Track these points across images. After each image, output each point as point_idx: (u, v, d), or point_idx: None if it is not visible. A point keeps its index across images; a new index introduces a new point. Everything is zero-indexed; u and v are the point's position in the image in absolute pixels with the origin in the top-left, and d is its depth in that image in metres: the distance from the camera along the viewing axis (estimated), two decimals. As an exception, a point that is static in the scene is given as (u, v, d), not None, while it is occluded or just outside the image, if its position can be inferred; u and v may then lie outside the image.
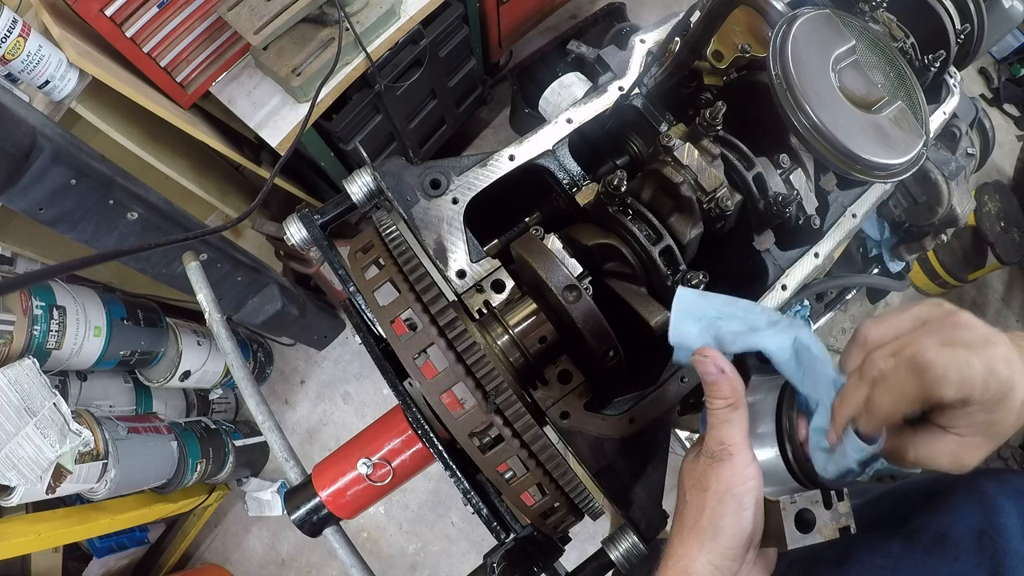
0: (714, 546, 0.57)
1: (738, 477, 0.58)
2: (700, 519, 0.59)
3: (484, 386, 0.61)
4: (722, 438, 0.60)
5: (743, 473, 0.58)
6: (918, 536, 0.57)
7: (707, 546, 0.58)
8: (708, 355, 0.61)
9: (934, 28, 1.16)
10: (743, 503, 0.57)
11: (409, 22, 1.80)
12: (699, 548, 0.58)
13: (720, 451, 0.60)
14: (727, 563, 0.57)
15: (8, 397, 1.47)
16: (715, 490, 0.59)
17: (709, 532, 0.58)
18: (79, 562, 2.04)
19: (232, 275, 1.85)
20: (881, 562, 0.57)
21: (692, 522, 0.59)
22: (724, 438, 0.60)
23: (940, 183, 1.37)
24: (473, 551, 2.40)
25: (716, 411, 0.61)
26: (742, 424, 0.60)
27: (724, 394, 0.60)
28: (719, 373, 0.61)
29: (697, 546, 0.58)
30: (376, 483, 0.79)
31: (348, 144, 1.95)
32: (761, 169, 0.89)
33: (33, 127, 1.23)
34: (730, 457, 0.59)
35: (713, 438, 0.61)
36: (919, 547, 0.56)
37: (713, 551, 0.57)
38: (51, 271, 1.51)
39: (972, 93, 2.98)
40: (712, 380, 0.61)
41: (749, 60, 0.96)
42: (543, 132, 0.95)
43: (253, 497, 2.48)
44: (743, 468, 0.58)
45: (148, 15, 1.47)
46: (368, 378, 2.65)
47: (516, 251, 0.77)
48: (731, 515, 0.57)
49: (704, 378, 0.62)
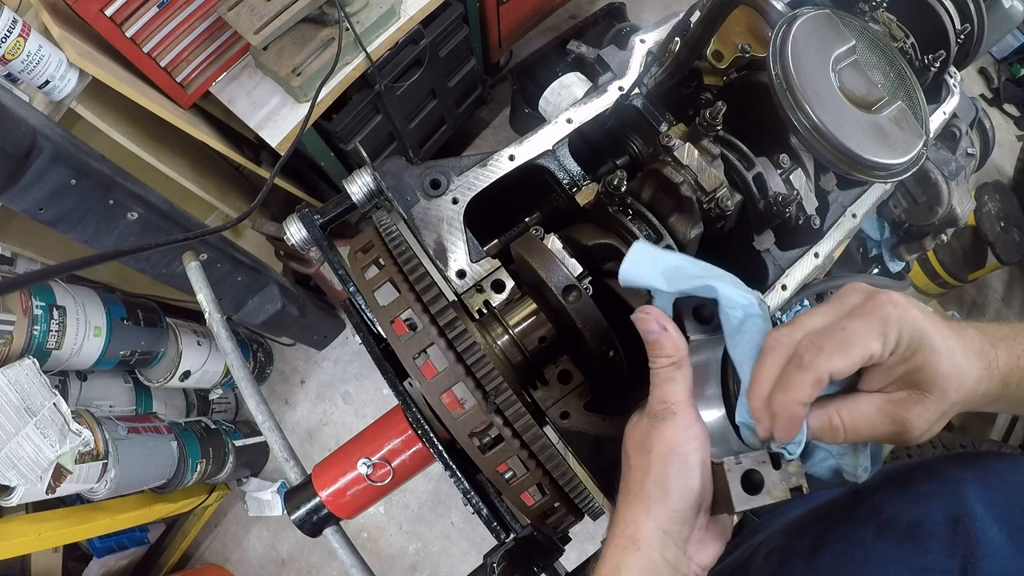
0: (661, 510, 0.55)
1: (682, 436, 0.56)
2: (645, 482, 0.57)
3: (484, 386, 0.61)
4: (664, 397, 0.59)
5: (687, 432, 0.57)
6: (891, 526, 0.55)
7: (654, 510, 0.56)
8: (649, 313, 0.60)
9: (934, 28, 1.16)
10: (688, 462, 0.56)
11: (409, 22, 1.80)
12: (646, 513, 0.56)
13: (663, 410, 0.58)
14: (676, 527, 0.55)
15: (8, 397, 1.47)
16: (659, 451, 0.57)
17: (655, 495, 0.56)
18: (79, 562, 2.03)
19: (232, 275, 1.85)
20: (852, 552, 0.56)
21: (637, 486, 0.57)
22: (667, 397, 0.58)
23: (940, 183, 1.37)
24: (473, 551, 2.40)
25: (659, 370, 0.60)
26: (685, 383, 0.59)
27: (667, 352, 0.59)
28: (661, 331, 0.59)
29: (644, 510, 0.56)
30: (376, 483, 0.79)
31: (348, 144, 1.95)
32: (761, 169, 0.89)
33: (33, 127, 1.23)
34: (673, 416, 0.57)
35: (655, 397, 0.59)
36: (891, 537, 0.54)
37: (661, 515, 0.55)
38: (51, 271, 1.51)
39: (972, 93, 2.99)
40: (654, 339, 0.60)
41: (749, 60, 0.96)
42: (543, 132, 0.95)
43: (253, 497, 2.48)
44: (687, 427, 0.57)
45: (148, 15, 1.47)
46: (368, 378, 2.65)
47: (516, 251, 0.77)
48: (676, 476, 0.55)
49: (645, 336, 0.60)
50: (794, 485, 0.56)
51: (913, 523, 0.53)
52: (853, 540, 0.56)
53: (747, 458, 0.56)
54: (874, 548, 0.54)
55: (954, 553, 0.50)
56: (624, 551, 0.55)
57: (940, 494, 0.54)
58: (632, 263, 0.61)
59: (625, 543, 0.56)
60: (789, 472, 0.56)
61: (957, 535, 0.50)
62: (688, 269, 0.60)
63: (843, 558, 0.56)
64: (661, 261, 0.61)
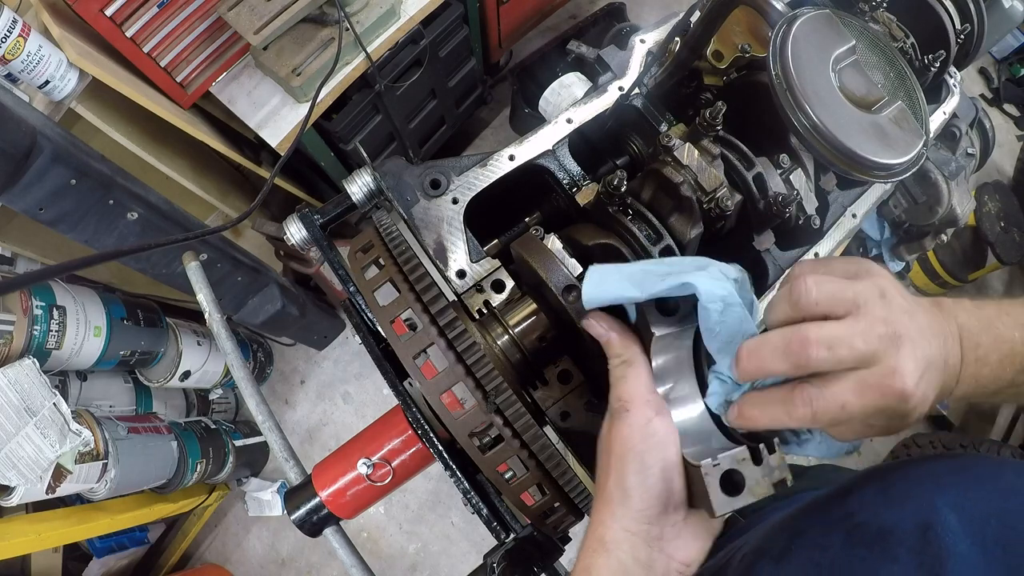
0: (624, 511, 0.55)
1: (637, 433, 0.56)
2: (607, 483, 0.57)
3: (484, 386, 0.61)
4: (619, 394, 0.59)
5: (643, 429, 0.56)
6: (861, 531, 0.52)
7: (617, 512, 0.55)
8: (595, 318, 0.61)
9: (934, 28, 1.16)
10: (645, 462, 0.55)
11: (409, 22, 1.80)
12: (611, 515, 0.56)
13: (618, 408, 0.58)
14: (643, 527, 0.55)
15: (8, 397, 1.47)
16: (616, 452, 0.57)
17: (617, 497, 0.56)
18: (79, 562, 2.04)
19: (232, 275, 1.85)
20: (818, 558, 0.53)
21: (602, 488, 0.58)
22: (620, 394, 0.59)
23: (940, 183, 1.37)
24: (473, 551, 2.40)
25: (613, 369, 0.60)
26: (638, 379, 0.59)
27: (617, 351, 0.60)
28: (608, 332, 0.60)
29: (609, 513, 0.56)
30: (376, 483, 0.79)
31: (348, 144, 1.96)
32: (761, 169, 0.89)
33: (33, 127, 1.23)
34: (626, 413, 0.57)
35: (613, 396, 0.59)
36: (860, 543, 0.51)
37: (624, 516, 0.55)
38: (51, 271, 1.51)
39: (972, 93, 2.99)
40: (605, 340, 0.61)
41: (749, 60, 0.96)
42: (543, 132, 0.95)
43: (253, 497, 2.48)
44: (642, 424, 0.57)
45: (148, 15, 1.47)
46: (368, 378, 2.65)
47: (516, 251, 0.77)
48: (634, 475, 0.55)
49: (599, 340, 0.61)
50: (777, 479, 0.54)
51: (884, 529, 0.50)
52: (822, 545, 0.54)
53: (725, 458, 0.54)
54: (841, 554, 0.52)
55: (922, 564, 0.46)
56: (594, 553, 0.56)
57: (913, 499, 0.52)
58: (595, 284, 0.60)
59: (595, 545, 0.56)
60: (771, 466, 0.54)
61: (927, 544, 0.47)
62: (655, 271, 0.58)
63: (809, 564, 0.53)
64: (624, 271, 0.60)
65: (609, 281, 0.60)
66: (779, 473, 0.54)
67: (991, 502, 0.49)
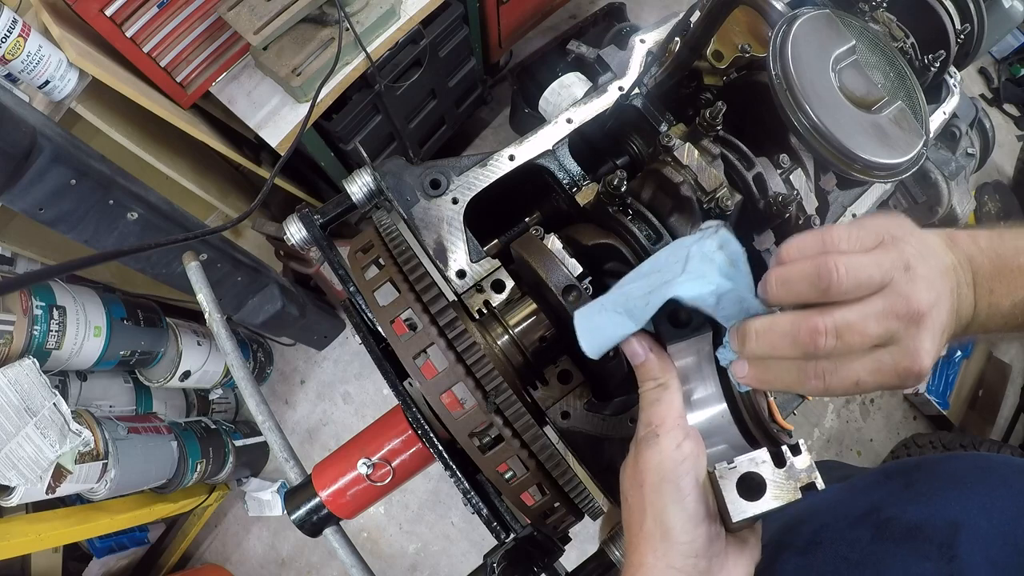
0: (668, 547, 0.51)
1: (668, 460, 0.53)
2: (644, 521, 0.53)
3: (484, 386, 0.61)
4: (649, 419, 0.57)
5: (673, 455, 0.54)
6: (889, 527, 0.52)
7: (660, 549, 0.52)
8: (631, 340, 0.59)
9: (934, 28, 1.16)
10: (681, 488, 0.52)
11: (409, 22, 1.80)
12: (653, 554, 0.52)
13: (647, 434, 0.56)
14: (690, 561, 0.51)
15: (8, 397, 1.47)
16: (650, 483, 0.54)
17: (658, 533, 0.52)
18: (79, 562, 2.04)
19: (232, 275, 1.85)
20: (847, 553, 0.52)
21: (638, 527, 0.54)
22: (651, 419, 0.56)
23: (940, 183, 1.37)
24: (473, 551, 2.40)
25: (646, 392, 0.58)
26: (671, 403, 0.57)
27: (654, 375, 0.58)
28: (646, 352, 0.58)
29: (651, 552, 0.52)
30: (376, 483, 0.79)
31: (348, 144, 1.96)
32: (761, 169, 0.89)
33: (33, 127, 1.23)
34: (656, 439, 0.55)
35: (642, 422, 0.57)
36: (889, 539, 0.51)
37: (669, 552, 0.51)
38: (51, 271, 1.51)
39: (972, 93, 2.99)
40: (640, 362, 0.59)
41: (749, 60, 0.96)
42: (543, 132, 0.95)
43: (253, 497, 2.48)
44: (673, 448, 0.54)
45: (148, 15, 1.47)
46: (368, 378, 2.65)
47: (516, 251, 0.77)
48: (672, 504, 0.52)
49: (632, 361, 0.59)
50: (805, 483, 0.50)
51: (912, 526, 0.50)
52: (850, 539, 0.54)
53: (742, 460, 0.51)
54: (870, 551, 0.52)
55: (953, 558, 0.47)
56: None
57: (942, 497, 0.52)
58: (588, 332, 0.59)
59: None
60: (797, 468, 0.50)
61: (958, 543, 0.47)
62: (635, 291, 0.57)
63: (837, 557, 0.53)
64: (607, 304, 0.59)
65: (599, 323, 0.59)
66: (807, 476, 0.50)
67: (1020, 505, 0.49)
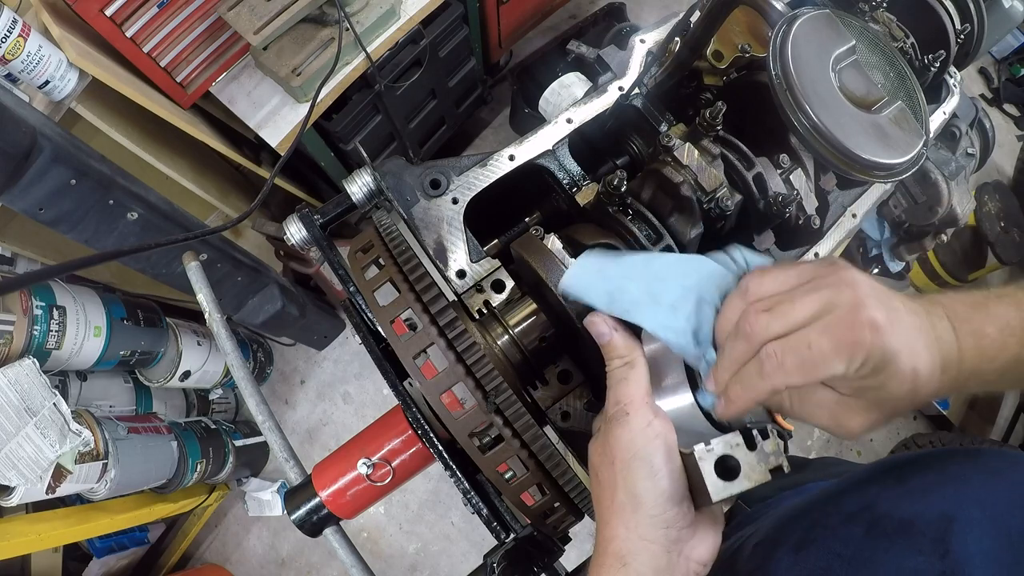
0: (639, 520, 0.53)
1: (639, 437, 0.55)
2: (616, 494, 0.55)
3: (484, 386, 0.61)
4: (618, 398, 0.57)
5: (644, 432, 0.55)
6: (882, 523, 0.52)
7: (631, 521, 0.54)
8: (598, 317, 0.60)
9: (934, 28, 1.16)
10: (653, 464, 0.54)
11: (409, 22, 1.80)
12: (624, 526, 0.54)
13: (616, 412, 0.57)
14: (660, 532, 0.53)
15: (8, 397, 1.47)
16: (621, 458, 0.55)
17: (629, 506, 0.54)
18: (79, 562, 2.04)
19: (232, 275, 1.85)
20: (840, 549, 0.53)
21: (609, 501, 0.56)
22: (620, 397, 0.57)
23: (940, 183, 1.37)
24: (473, 551, 2.41)
25: (613, 371, 0.59)
26: (639, 381, 0.58)
27: (619, 352, 0.59)
28: (611, 332, 0.59)
29: (622, 524, 0.54)
30: (376, 483, 0.79)
31: (348, 144, 1.96)
32: (761, 169, 0.89)
33: (33, 127, 1.23)
34: (626, 416, 0.56)
35: (610, 400, 0.58)
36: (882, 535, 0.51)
37: (640, 525, 0.53)
38: (51, 271, 1.51)
39: (972, 93, 2.98)
40: (606, 340, 0.60)
41: (749, 60, 0.96)
42: (543, 132, 0.95)
43: (253, 497, 2.48)
44: (643, 426, 0.55)
45: (148, 15, 1.47)
46: (368, 378, 2.65)
47: (516, 251, 0.77)
48: (644, 479, 0.54)
49: (598, 340, 0.60)
50: (773, 465, 0.53)
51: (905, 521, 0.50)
52: (843, 536, 0.54)
53: (718, 443, 0.53)
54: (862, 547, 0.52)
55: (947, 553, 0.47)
56: (611, 570, 0.54)
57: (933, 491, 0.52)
58: (578, 274, 0.61)
59: (611, 562, 0.54)
60: (766, 452, 0.53)
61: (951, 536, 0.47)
62: (630, 293, 0.59)
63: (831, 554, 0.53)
64: (610, 272, 0.60)
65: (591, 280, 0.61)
66: (775, 459, 0.53)
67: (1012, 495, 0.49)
